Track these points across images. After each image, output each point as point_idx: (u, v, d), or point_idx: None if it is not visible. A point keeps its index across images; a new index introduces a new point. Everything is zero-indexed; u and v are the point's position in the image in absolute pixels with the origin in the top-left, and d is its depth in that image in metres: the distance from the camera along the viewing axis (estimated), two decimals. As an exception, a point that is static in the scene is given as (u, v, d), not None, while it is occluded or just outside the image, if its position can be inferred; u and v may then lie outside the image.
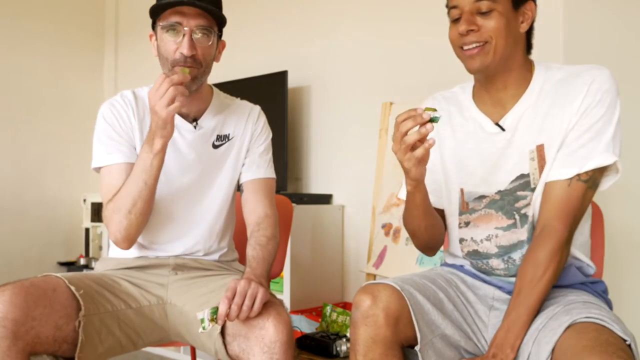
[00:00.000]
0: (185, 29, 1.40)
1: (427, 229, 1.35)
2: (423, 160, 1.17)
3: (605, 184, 1.25)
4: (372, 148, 2.74)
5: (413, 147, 1.15)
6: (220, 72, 3.26)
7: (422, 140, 1.14)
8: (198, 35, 1.42)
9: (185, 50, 1.40)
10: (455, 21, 1.26)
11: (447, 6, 1.29)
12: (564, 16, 2.19)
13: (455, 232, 1.40)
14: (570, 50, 2.19)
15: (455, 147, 1.37)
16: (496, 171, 1.30)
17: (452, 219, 1.40)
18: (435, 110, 1.12)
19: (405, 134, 1.14)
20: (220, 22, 1.48)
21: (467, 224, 1.36)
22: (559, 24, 2.19)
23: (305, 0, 3.13)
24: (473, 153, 1.34)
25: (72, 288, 1.31)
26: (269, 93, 2.96)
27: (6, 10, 3.74)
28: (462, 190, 1.36)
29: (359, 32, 2.89)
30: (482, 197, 1.32)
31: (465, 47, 1.25)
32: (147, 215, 1.44)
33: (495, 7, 1.21)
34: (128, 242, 1.45)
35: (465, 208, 1.36)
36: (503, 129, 1.29)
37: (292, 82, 3.00)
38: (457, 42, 1.26)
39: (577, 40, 2.21)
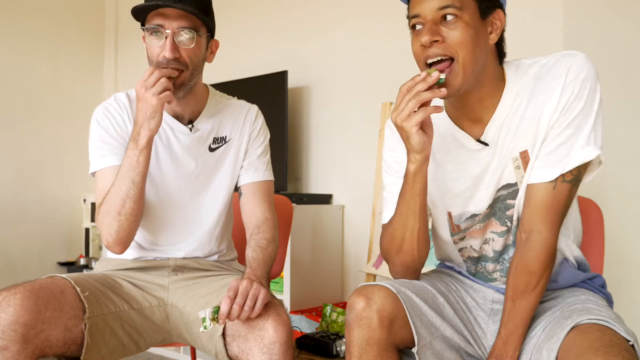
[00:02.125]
0: (167, 31, 1.37)
1: (420, 236, 1.24)
2: (425, 128, 1.13)
3: (589, 176, 1.19)
4: (372, 148, 2.74)
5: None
6: (220, 72, 3.27)
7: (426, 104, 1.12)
8: (181, 37, 1.38)
9: (167, 52, 1.36)
10: (417, 32, 1.16)
11: (408, 17, 1.18)
12: (563, 18, 2.19)
13: (451, 246, 1.36)
14: (570, 49, 2.19)
15: (435, 169, 1.28)
16: (484, 187, 1.24)
17: (447, 239, 1.35)
18: (438, 71, 1.11)
19: (415, 95, 1.10)
20: (206, 22, 1.43)
21: (462, 238, 1.32)
22: (558, 26, 2.19)
23: (305, 0, 3.13)
24: (457, 174, 1.26)
25: (78, 289, 1.31)
26: (269, 93, 2.96)
27: (6, 10, 3.74)
28: (450, 214, 1.31)
29: (359, 32, 2.89)
30: (474, 215, 1.28)
31: (429, 61, 1.14)
32: (137, 217, 1.41)
33: (461, 15, 1.10)
34: (120, 245, 1.42)
35: (455, 230, 1.32)
36: (486, 144, 1.21)
37: (292, 82, 3.00)
38: (420, 55, 1.15)
39: (576, 42, 2.21)
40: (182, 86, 1.41)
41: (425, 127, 1.14)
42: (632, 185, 2.10)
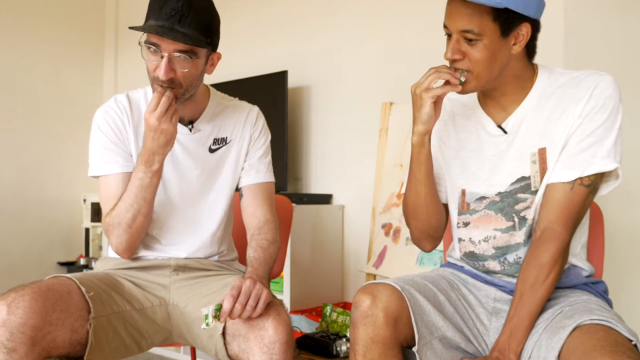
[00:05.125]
0: (164, 53, 1.35)
1: (428, 201, 1.35)
2: (437, 107, 1.26)
3: (605, 189, 1.26)
4: (372, 148, 2.74)
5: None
6: (220, 72, 3.26)
7: (441, 97, 1.27)
8: (177, 59, 1.37)
9: (161, 74, 1.35)
10: (447, 40, 1.25)
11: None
12: (564, 19, 2.19)
13: (454, 231, 1.40)
14: (570, 53, 2.19)
15: (458, 147, 1.37)
16: (497, 173, 1.30)
17: (453, 217, 1.40)
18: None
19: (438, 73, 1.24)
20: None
21: (466, 224, 1.36)
22: (559, 27, 2.19)
23: (306, 1, 3.13)
24: (475, 154, 1.34)
25: (83, 289, 1.31)
26: (269, 93, 2.96)
27: (6, 10, 3.73)
28: (463, 191, 1.36)
29: (359, 32, 2.89)
30: (482, 198, 1.32)
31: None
32: (146, 228, 1.46)
33: (481, 39, 1.18)
34: (129, 252, 1.48)
35: (465, 209, 1.36)
36: (505, 132, 1.29)
37: (292, 82, 3.00)
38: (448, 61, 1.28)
39: (576, 43, 2.21)
40: (177, 99, 1.41)
41: (436, 104, 1.26)
42: (632, 185, 2.10)
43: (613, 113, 1.20)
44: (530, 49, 1.27)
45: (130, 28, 1.39)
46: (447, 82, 1.24)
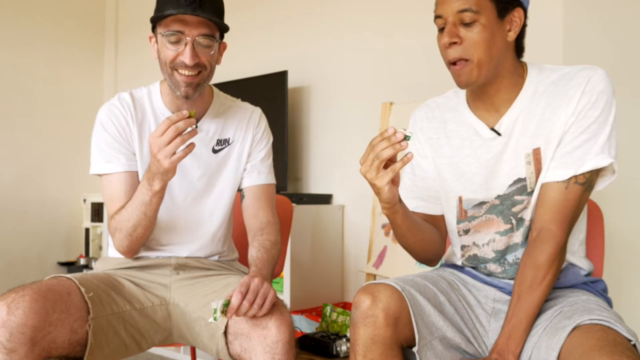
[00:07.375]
0: (187, 38, 1.39)
1: (417, 244, 1.35)
2: (395, 181, 1.16)
3: (602, 184, 1.24)
4: (372, 148, 2.74)
5: (385, 166, 1.13)
6: (220, 73, 3.25)
7: (393, 159, 1.13)
8: (200, 44, 1.40)
9: (187, 59, 1.39)
10: (440, 30, 1.23)
11: (434, 17, 1.26)
12: (563, 18, 2.19)
13: (456, 239, 1.39)
14: (570, 52, 2.19)
15: (452, 154, 1.35)
16: (494, 176, 1.28)
17: (452, 227, 1.39)
18: (404, 129, 1.12)
19: (378, 156, 1.12)
20: (223, 28, 1.46)
21: (466, 231, 1.35)
22: (558, 26, 2.20)
23: (306, 0, 3.13)
24: (470, 159, 1.31)
25: (83, 290, 1.31)
26: (269, 93, 2.96)
27: (7, 10, 3.74)
28: (460, 199, 1.34)
29: (359, 32, 2.89)
30: (482, 203, 1.31)
31: (450, 60, 1.22)
32: (148, 236, 1.47)
33: (479, 18, 1.17)
34: (131, 254, 1.51)
35: (463, 216, 1.34)
36: (499, 134, 1.27)
37: (292, 82, 3.00)
38: (443, 54, 1.24)
39: (576, 42, 2.22)
40: (199, 86, 1.44)
41: (395, 180, 1.16)
42: (632, 185, 2.11)
43: (606, 107, 1.18)
44: (518, 47, 1.27)
45: (153, 18, 1.41)
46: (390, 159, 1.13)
